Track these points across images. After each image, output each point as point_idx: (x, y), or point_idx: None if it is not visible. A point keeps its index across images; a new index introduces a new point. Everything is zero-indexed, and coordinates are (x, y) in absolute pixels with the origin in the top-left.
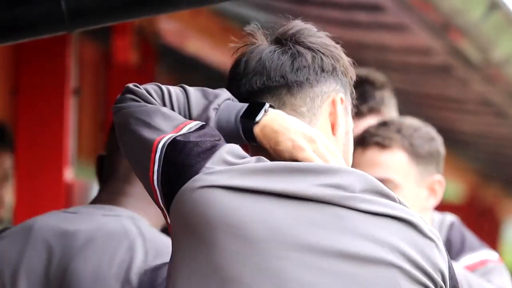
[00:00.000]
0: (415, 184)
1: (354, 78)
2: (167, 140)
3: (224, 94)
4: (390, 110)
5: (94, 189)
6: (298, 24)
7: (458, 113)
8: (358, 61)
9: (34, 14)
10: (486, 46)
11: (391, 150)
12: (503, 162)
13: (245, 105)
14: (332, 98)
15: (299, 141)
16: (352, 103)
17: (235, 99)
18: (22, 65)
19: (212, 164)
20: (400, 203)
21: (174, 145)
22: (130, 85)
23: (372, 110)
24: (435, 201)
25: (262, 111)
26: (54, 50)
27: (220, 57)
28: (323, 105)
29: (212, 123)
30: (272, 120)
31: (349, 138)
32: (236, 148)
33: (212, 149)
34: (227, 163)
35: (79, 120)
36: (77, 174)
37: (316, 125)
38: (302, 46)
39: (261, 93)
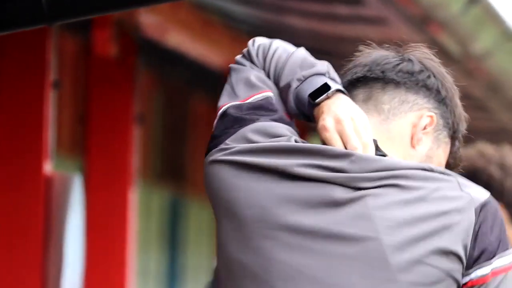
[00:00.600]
0: None
1: (463, 128)
2: (227, 107)
3: (318, 67)
4: None
5: (74, 182)
6: (428, 51)
7: None
8: (337, 54)
9: (13, 7)
10: (466, 40)
11: None
12: None
13: (322, 83)
14: (422, 112)
15: (326, 121)
16: (453, 149)
17: (331, 72)
18: (1, 57)
19: (231, 140)
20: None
21: (222, 112)
22: (250, 42)
23: None
24: None
25: (325, 94)
26: (33, 43)
27: (200, 50)
28: (410, 113)
29: (291, 93)
30: (326, 103)
31: (431, 163)
32: (270, 126)
33: (242, 125)
34: (248, 141)
35: (59, 113)
36: (56, 166)
37: (391, 126)
38: (417, 60)
39: (357, 82)
